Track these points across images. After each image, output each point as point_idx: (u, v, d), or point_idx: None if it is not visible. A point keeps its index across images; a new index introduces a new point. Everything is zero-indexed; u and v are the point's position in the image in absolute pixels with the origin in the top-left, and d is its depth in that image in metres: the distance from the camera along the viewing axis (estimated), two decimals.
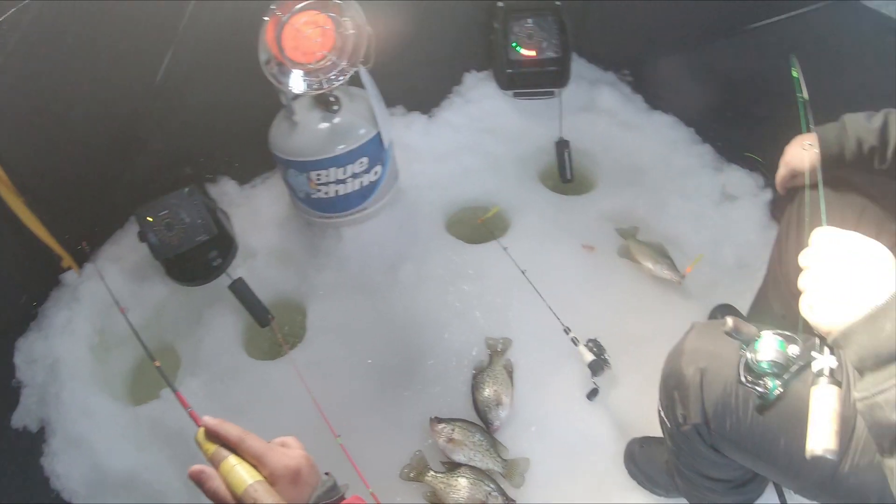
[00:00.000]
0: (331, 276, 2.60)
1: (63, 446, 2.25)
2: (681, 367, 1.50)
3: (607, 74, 3.17)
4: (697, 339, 1.54)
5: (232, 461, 0.92)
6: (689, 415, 1.47)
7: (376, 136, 2.39)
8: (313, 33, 2.13)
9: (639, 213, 2.74)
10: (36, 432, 2.31)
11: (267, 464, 0.92)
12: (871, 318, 0.89)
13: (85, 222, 2.66)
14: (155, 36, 2.36)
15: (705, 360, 1.45)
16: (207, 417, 0.97)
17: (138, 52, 2.36)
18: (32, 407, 2.34)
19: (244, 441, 0.93)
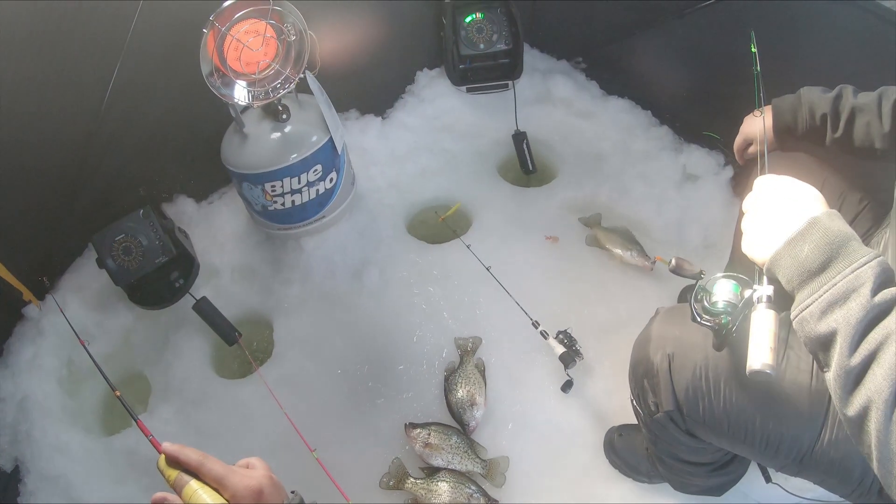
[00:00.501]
0: (295, 288, 2.57)
1: (39, 485, 2.23)
2: (648, 355, 1.49)
3: (560, 63, 3.15)
4: (663, 324, 1.53)
5: (194, 486, 0.92)
6: (661, 402, 1.46)
7: (328, 142, 2.36)
8: (254, 42, 2.09)
9: (601, 201, 2.73)
10: (10, 472, 2.29)
11: (228, 486, 0.93)
12: (791, 243, 1.02)
13: (42, 253, 2.61)
14: (99, 58, 2.30)
15: (672, 345, 1.45)
16: (167, 444, 0.97)
17: (83, 75, 2.31)
18: (5, 447, 2.31)
19: (204, 465, 0.94)
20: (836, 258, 0.96)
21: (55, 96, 2.28)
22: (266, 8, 2.06)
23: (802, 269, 0.99)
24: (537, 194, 2.81)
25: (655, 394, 1.48)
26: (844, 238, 0.97)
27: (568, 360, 2.15)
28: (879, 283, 0.93)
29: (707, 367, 1.38)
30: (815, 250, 0.98)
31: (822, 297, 0.95)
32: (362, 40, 2.81)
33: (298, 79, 2.17)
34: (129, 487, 2.23)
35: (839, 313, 0.92)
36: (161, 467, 0.96)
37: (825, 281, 0.96)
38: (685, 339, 1.44)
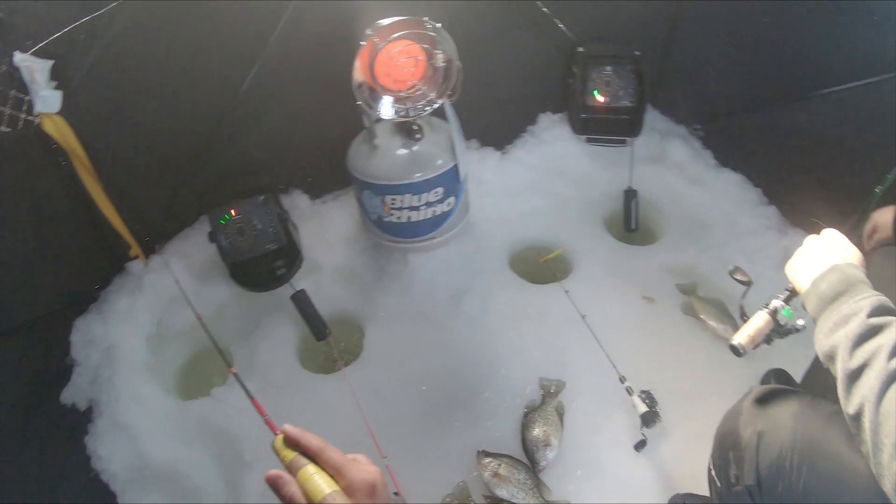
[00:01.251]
0: (394, 299, 2.64)
1: (109, 429, 2.30)
2: (738, 428, 1.51)
3: (679, 127, 3.19)
4: (756, 402, 1.55)
5: (311, 469, 0.93)
6: (743, 476, 1.47)
7: (454, 167, 2.43)
8: (406, 62, 2.18)
9: (700, 269, 2.73)
10: (83, 411, 2.36)
11: (345, 475, 0.93)
12: (815, 282, 1.33)
13: (157, 216, 2.74)
14: (246, 45, 2.45)
15: (763, 423, 1.47)
16: (288, 426, 0.98)
17: (228, 59, 2.46)
18: (83, 386, 2.40)
19: (325, 451, 0.94)
20: (845, 293, 1.25)
21: (200, 74, 2.43)
22: (423, 32, 2.15)
23: (821, 301, 1.28)
24: (639, 252, 2.84)
25: (739, 467, 1.49)
26: (855, 280, 1.27)
27: (649, 419, 2.16)
28: (875, 310, 1.17)
29: (793, 450, 1.40)
30: (830, 287, 1.28)
31: (831, 318, 1.23)
32: (495, 76, 2.89)
33: (440, 103, 2.25)
34: (195, 451, 2.29)
35: (842, 331, 1.18)
36: (277, 447, 0.97)
37: (834, 308, 1.24)
38: (777, 420, 1.46)
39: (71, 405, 2.36)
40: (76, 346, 2.46)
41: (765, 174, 2.95)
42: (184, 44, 2.33)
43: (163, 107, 2.45)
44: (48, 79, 2.10)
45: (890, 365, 1.08)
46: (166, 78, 2.38)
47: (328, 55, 2.48)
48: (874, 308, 1.18)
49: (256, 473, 2.20)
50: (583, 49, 2.94)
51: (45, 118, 2.13)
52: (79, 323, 2.51)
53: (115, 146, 2.42)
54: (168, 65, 2.35)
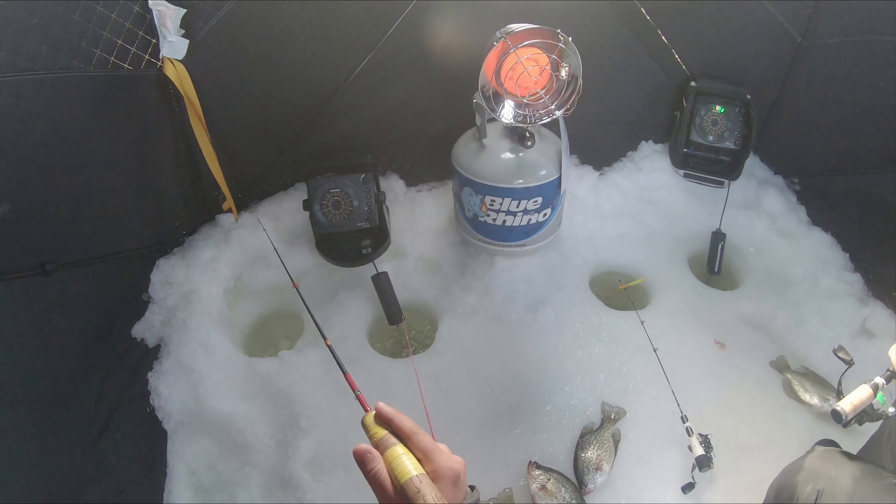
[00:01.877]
0: (473, 297, 2.68)
1: (174, 369, 2.38)
2: (797, 483, 1.53)
3: (777, 178, 3.16)
4: (819, 460, 1.58)
5: (399, 450, 0.97)
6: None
7: (556, 180, 2.46)
8: (533, 70, 2.21)
9: (776, 324, 2.71)
10: (152, 348, 2.45)
11: (433, 461, 0.97)
12: None
13: (256, 175, 2.82)
14: (365, 31, 2.50)
15: (824, 482, 1.49)
16: (382, 404, 1.02)
17: (347, 41, 2.51)
18: (156, 324, 2.48)
19: (416, 434, 0.99)
20: None
21: (320, 48, 2.49)
22: (554, 44, 2.17)
23: None
24: (718, 296, 2.83)
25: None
26: None
27: (703, 463, 2.16)
28: None
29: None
30: None
31: None
32: (606, 96, 2.91)
33: (558, 115, 2.28)
34: (252, 407, 2.36)
35: None
36: (368, 424, 1.01)
37: None
38: (837, 480, 1.48)
39: (141, 339, 2.45)
40: (155, 284, 2.54)
41: (856, 240, 2.91)
42: (308, 19, 2.39)
43: (279, 74, 2.51)
44: (178, 26, 2.16)
45: None
46: (286, 48, 2.44)
47: (443, 52, 2.54)
48: None
49: (309, 440, 2.27)
50: (695, 84, 2.92)
51: (168, 63, 2.20)
52: (161, 263, 2.59)
53: (228, 102, 2.49)
54: (290, 36, 2.41)
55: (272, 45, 2.42)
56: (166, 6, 2.12)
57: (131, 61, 2.11)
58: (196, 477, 2.25)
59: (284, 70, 2.51)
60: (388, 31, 2.51)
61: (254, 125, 2.64)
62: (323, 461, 2.24)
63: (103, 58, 2.00)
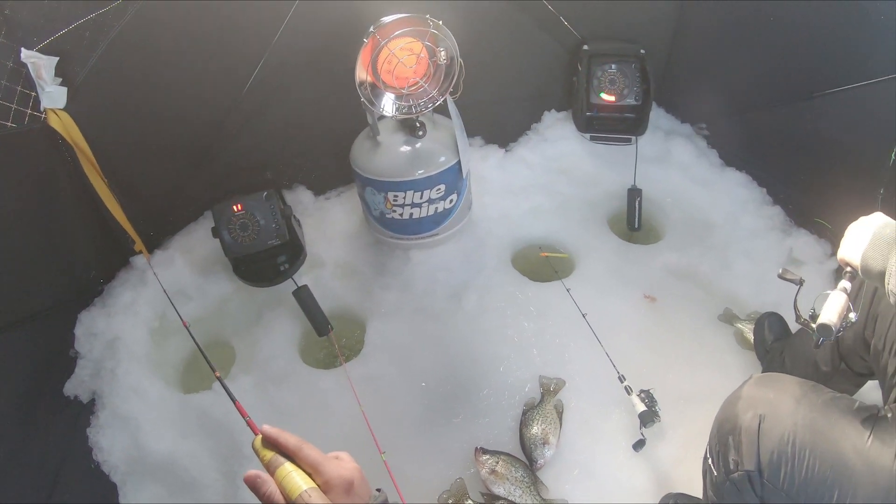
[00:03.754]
0: (395, 295, 2.65)
1: (110, 421, 2.33)
2: (738, 412, 1.51)
3: (684, 126, 3.18)
4: (757, 386, 1.55)
5: (288, 468, 0.94)
6: (743, 461, 1.47)
7: (456, 164, 2.44)
8: (408, 60, 2.19)
9: (703, 269, 2.72)
10: (86, 403, 2.39)
11: (322, 473, 0.94)
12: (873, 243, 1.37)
13: (161, 211, 2.76)
14: (250, 42, 2.45)
15: (764, 406, 1.47)
16: (266, 426, 0.99)
17: (233, 55, 2.46)
18: (86, 378, 2.42)
19: (302, 449, 0.96)
20: None
21: (205, 71, 2.44)
22: (425, 30, 2.15)
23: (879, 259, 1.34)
24: (642, 252, 2.83)
25: (738, 451, 1.48)
26: None
27: (647, 419, 2.16)
28: None
29: (795, 435, 1.40)
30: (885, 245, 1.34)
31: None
32: (498, 73, 2.90)
33: (442, 100, 2.26)
34: (193, 444, 2.31)
35: None
36: (257, 447, 0.98)
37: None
38: (778, 403, 1.46)
39: (74, 397, 2.39)
40: (80, 338, 2.48)
41: (770, 174, 2.94)
42: (188, 40, 2.34)
43: (167, 103, 2.45)
44: (53, 75, 2.13)
45: None
46: (171, 74, 2.39)
47: (332, 52, 2.50)
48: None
49: (254, 466, 2.20)
50: (588, 47, 2.93)
51: (51, 114, 2.16)
52: (83, 316, 2.52)
53: (119, 141, 2.43)
54: (173, 61, 2.36)
55: (156, 78, 2.37)
56: (39, 57, 2.08)
57: (14, 118, 2.07)
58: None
59: (173, 100, 2.46)
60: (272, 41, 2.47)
61: (151, 161, 2.58)
62: None
63: None
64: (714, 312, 2.59)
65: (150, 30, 2.26)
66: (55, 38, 2.11)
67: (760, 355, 2.41)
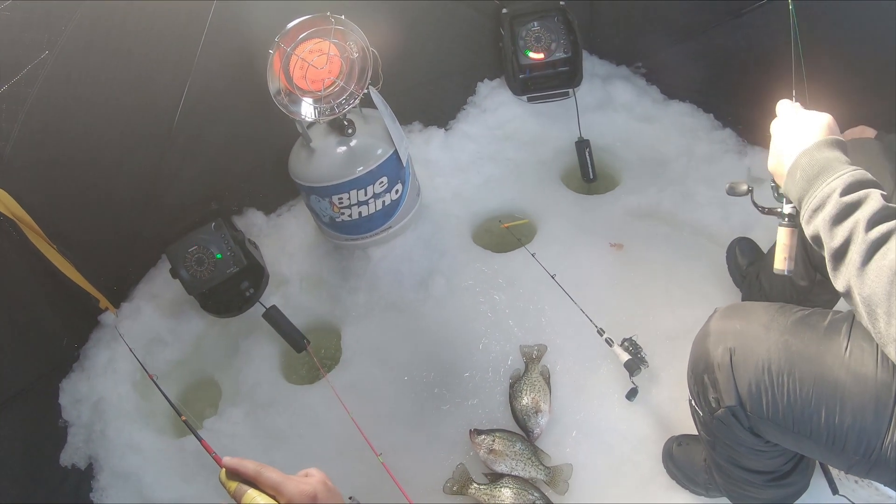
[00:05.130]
0: (363, 296, 2.63)
1: (111, 481, 2.34)
2: (708, 350, 1.49)
3: (620, 69, 3.15)
4: (723, 319, 1.52)
5: (252, 493, 0.97)
6: (723, 398, 1.45)
7: (393, 154, 2.41)
8: (319, 61, 2.16)
9: (665, 206, 2.70)
10: (84, 469, 2.39)
11: (284, 492, 0.97)
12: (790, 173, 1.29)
13: (118, 264, 2.72)
14: (169, 76, 2.41)
15: (733, 339, 1.44)
16: (227, 458, 1.02)
17: (155, 93, 2.42)
18: (79, 445, 2.42)
19: (261, 474, 0.99)
20: (819, 176, 1.22)
21: (131, 115, 2.39)
22: (328, 28, 2.12)
23: (798, 190, 1.26)
24: (601, 201, 2.81)
25: (716, 389, 1.46)
26: (826, 161, 1.23)
27: (633, 367, 2.14)
28: (848, 187, 1.16)
29: (770, 361, 1.36)
30: (804, 174, 1.25)
31: (810, 205, 1.22)
32: (423, 54, 2.86)
33: (363, 94, 2.22)
34: (198, 486, 2.32)
35: (820, 215, 1.19)
36: (223, 480, 1.02)
37: (811, 194, 1.22)
38: (747, 332, 1.43)
39: (71, 465, 2.38)
40: (66, 407, 2.47)
41: (714, 98, 2.92)
42: (108, 88, 2.29)
43: (100, 154, 2.41)
44: None
45: (868, 236, 1.10)
46: (97, 125, 2.34)
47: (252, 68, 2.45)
48: (847, 185, 1.17)
49: None
50: (506, 10, 2.89)
51: None
52: (65, 384, 2.51)
53: (60, 205, 2.38)
54: (96, 112, 2.31)
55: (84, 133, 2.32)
56: None
57: None
58: None
59: (105, 151, 2.41)
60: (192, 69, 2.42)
61: (96, 216, 2.53)
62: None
63: None
64: (684, 246, 2.59)
65: (65, 87, 2.20)
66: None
67: (737, 282, 2.40)
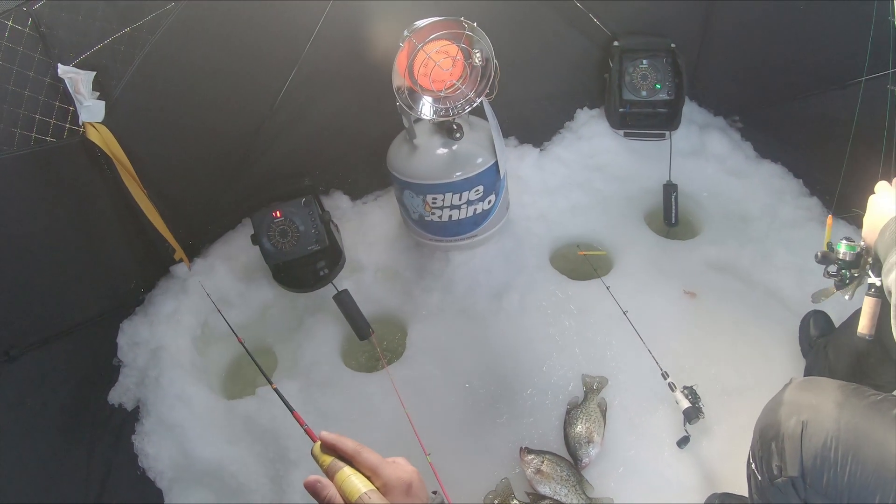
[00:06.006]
0: (436, 297, 2.66)
1: (156, 428, 2.36)
2: (780, 419, 1.50)
3: (717, 119, 3.17)
4: (798, 391, 1.54)
5: (347, 471, 0.96)
6: (786, 467, 1.46)
7: (493, 165, 2.44)
8: (444, 62, 2.19)
9: (742, 263, 2.70)
10: (131, 410, 2.43)
11: (381, 475, 0.96)
12: (882, 232, 1.41)
13: (200, 220, 2.80)
14: (284, 49, 2.48)
15: (807, 412, 1.46)
16: (325, 432, 1.01)
17: (267, 63, 2.50)
18: (130, 387, 2.46)
19: (360, 453, 0.98)
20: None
21: (240, 81, 2.47)
22: (461, 32, 2.16)
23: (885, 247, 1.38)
24: (680, 247, 2.82)
25: (781, 457, 1.48)
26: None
27: (691, 415, 2.15)
28: None
29: (838, 440, 1.38)
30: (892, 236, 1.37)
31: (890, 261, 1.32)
32: (530, 71, 2.90)
33: (479, 102, 2.26)
34: (240, 450, 2.34)
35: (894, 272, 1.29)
36: (316, 454, 1.01)
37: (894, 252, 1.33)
38: (820, 408, 1.44)
39: (118, 405, 2.43)
40: (123, 348, 2.53)
41: (806, 164, 2.91)
42: (221, 52, 2.37)
43: (202, 113, 2.49)
44: (91, 89, 2.16)
45: None
46: (205, 85, 2.43)
47: (363, 57, 2.53)
48: None
49: (301, 471, 2.25)
50: (618, 43, 2.92)
51: (90, 127, 2.19)
52: (125, 325, 2.57)
53: (157, 152, 2.47)
54: (206, 72, 2.40)
55: (191, 89, 2.40)
56: (76, 72, 2.11)
57: (53, 133, 2.11)
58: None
59: (209, 110, 2.49)
60: (306, 47, 2.49)
61: (189, 170, 2.61)
62: None
63: (24, 136, 2.00)
64: (755, 305, 2.58)
65: (182, 42, 2.29)
66: (91, 54, 2.15)
67: (805, 351, 2.40)
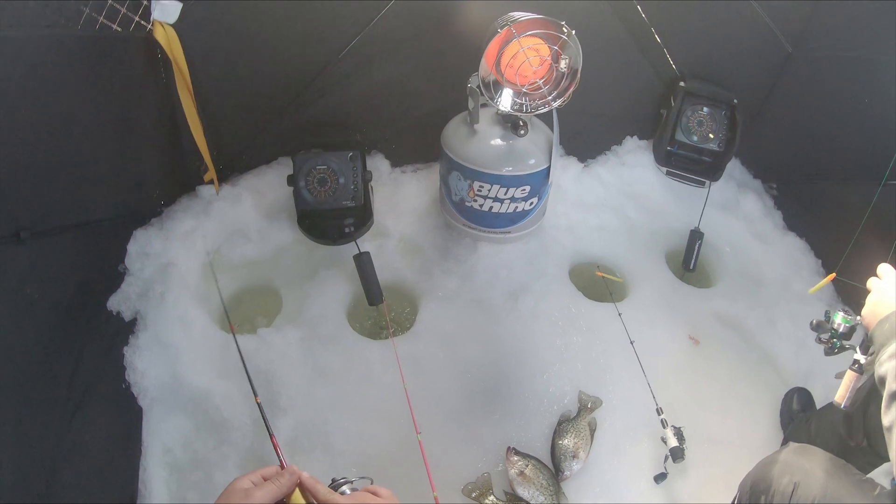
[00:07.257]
0: (454, 281, 2.68)
1: (150, 344, 2.30)
2: (773, 476, 1.63)
3: (756, 182, 3.25)
4: (794, 454, 1.66)
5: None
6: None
7: (545, 170, 2.47)
8: (534, 60, 2.21)
9: (748, 324, 2.77)
10: (127, 321, 2.34)
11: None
12: (880, 323, 1.51)
13: (238, 146, 2.77)
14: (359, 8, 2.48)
15: (799, 474, 1.58)
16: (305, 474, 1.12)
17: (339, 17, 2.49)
18: (132, 296, 2.38)
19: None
20: None
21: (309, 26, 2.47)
22: (557, 35, 2.17)
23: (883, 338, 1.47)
24: (693, 293, 2.89)
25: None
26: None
27: (677, 454, 2.21)
28: None
29: None
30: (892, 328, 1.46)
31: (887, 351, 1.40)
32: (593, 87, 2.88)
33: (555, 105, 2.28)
34: (229, 385, 2.30)
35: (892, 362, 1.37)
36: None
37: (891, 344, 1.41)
38: (812, 473, 1.57)
39: (116, 313, 2.34)
40: (132, 255, 2.44)
41: (828, 247, 2.98)
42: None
43: (269, 44, 2.47)
44: None
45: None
46: (280, 17, 2.41)
47: (443, 30, 2.53)
48: None
49: (288, 420, 2.25)
50: (685, 84, 2.96)
51: (158, 26, 2.15)
52: (139, 234, 2.49)
53: (216, 70, 2.44)
54: (283, 9, 2.38)
55: (266, 15, 2.38)
56: None
57: (120, 22, 2.04)
58: (172, 455, 2.18)
59: (276, 41, 2.47)
60: (384, 9, 2.48)
61: (241, 95, 2.59)
62: (302, 441, 2.22)
63: (92, 17, 1.93)
64: (752, 365, 2.65)
65: None
66: None
67: (784, 423, 2.47)
